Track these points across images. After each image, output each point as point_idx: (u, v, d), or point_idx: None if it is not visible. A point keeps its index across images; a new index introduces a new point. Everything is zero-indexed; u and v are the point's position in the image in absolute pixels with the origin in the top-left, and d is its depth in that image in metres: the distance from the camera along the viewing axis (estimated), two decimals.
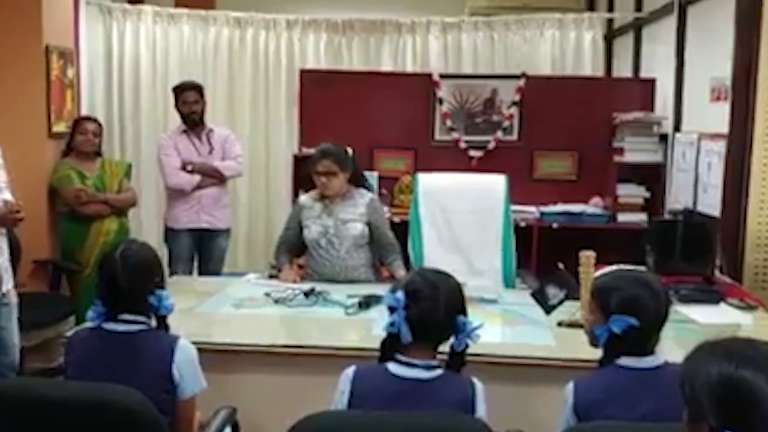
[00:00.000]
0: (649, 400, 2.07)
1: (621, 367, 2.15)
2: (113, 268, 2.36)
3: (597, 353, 2.27)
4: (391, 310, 2.17)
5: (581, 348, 2.41)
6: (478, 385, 2.17)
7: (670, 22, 5.42)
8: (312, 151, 4.02)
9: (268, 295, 3.51)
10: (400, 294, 2.16)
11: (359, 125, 5.61)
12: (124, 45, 6.34)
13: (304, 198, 3.98)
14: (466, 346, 2.22)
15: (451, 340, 2.22)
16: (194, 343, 2.46)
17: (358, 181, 3.95)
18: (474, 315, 2.27)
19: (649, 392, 2.09)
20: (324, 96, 5.74)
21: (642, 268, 2.78)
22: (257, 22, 6.56)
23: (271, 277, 4.18)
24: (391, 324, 2.15)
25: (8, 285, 3.59)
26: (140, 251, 2.43)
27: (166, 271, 4.34)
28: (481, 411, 2.14)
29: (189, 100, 5.03)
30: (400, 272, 3.76)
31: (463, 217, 4.01)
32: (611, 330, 2.14)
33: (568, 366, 2.66)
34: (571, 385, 2.18)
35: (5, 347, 3.59)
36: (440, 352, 2.23)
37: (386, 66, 6.51)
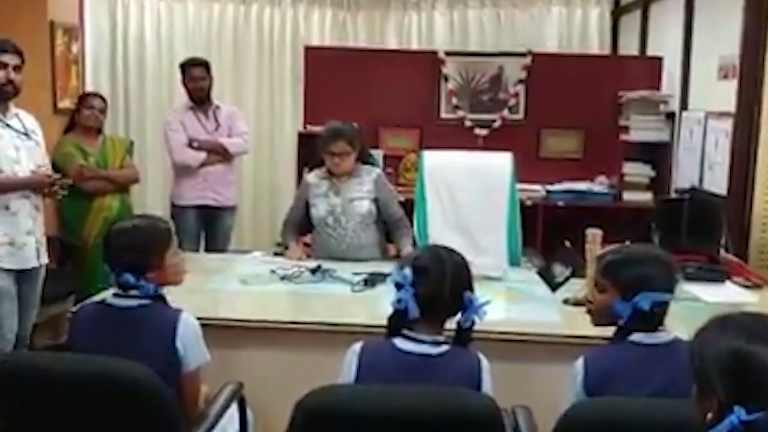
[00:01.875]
0: (661, 375, 2.07)
1: (633, 342, 2.15)
2: (106, 244, 2.41)
3: (602, 330, 2.27)
4: (399, 286, 2.17)
5: (587, 325, 2.41)
6: (484, 361, 2.18)
7: (678, 0, 5.38)
8: (316, 128, 4.01)
9: (274, 272, 3.52)
10: (407, 270, 2.16)
11: (364, 102, 5.59)
12: (128, 21, 6.33)
13: (310, 176, 3.98)
14: (473, 322, 2.23)
15: (458, 316, 2.23)
16: (201, 319, 2.47)
17: (364, 157, 3.94)
18: (479, 293, 2.27)
19: (661, 368, 2.08)
20: (329, 73, 5.71)
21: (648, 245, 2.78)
22: None
23: (277, 254, 4.19)
24: (398, 300, 2.16)
25: (43, 259, 3.69)
26: (128, 230, 2.42)
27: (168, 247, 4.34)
28: (487, 386, 2.15)
29: (196, 77, 5.02)
30: (407, 249, 3.77)
31: (468, 196, 4.00)
32: (638, 306, 2.12)
33: (573, 343, 2.66)
34: (580, 361, 2.17)
35: (23, 318, 3.65)
36: (447, 329, 2.23)
37: (391, 43, 6.49)
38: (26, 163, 3.59)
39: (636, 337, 2.15)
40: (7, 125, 3.57)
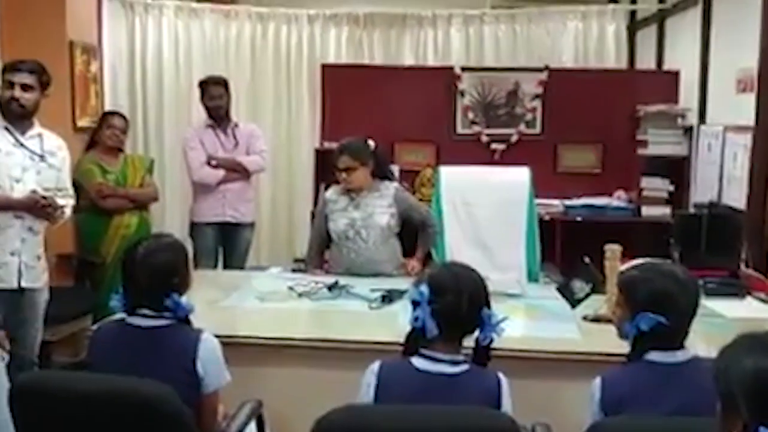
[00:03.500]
0: (678, 395, 2.04)
1: (649, 362, 2.12)
2: (132, 266, 2.38)
3: (623, 347, 2.25)
4: (415, 304, 2.16)
5: (607, 342, 2.40)
6: (504, 380, 2.16)
7: (695, 13, 5.37)
8: (333, 145, 4.03)
9: (291, 288, 3.51)
10: (424, 288, 2.15)
11: (380, 119, 5.60)
12: (146, 40, 6.37)
13: (329, 193, 4.00)
14: (491, 340, 2.21)
15: (476, 333, 2.21)
16: (219, 336, 2.47)
17: (382, 173, 3.96)
18: (498, 309, 2.25)
19: (678, 387, 2.06)
20: (345, 90, 5.75)
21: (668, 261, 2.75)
22: (279, 17, 6.57)
23: (294, 271, 4.20)
24: (416, 318, 2.14)
25: (32, 283, 3.60)
26: (163, 251, 2.41)
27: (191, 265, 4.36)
28: (507, 406, 2.13)
29: (215, 95, 5.05)
30: (419, 253, 3.81)
31: (486, 211, 4.00)
32: (639, 327, 2.10)
33: (593, 360, 2.64)
34: (598, 380, 2.16)
35: (23, 341, 3.59)
36: (465, 347, 2.21)
37: (407, 59, 6.50)
38: (30, 185, 3.54)
39: (653, 356, 2.12)
40: (22, 144, 3.55)
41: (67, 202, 3.70)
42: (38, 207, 3.51)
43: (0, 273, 3.49)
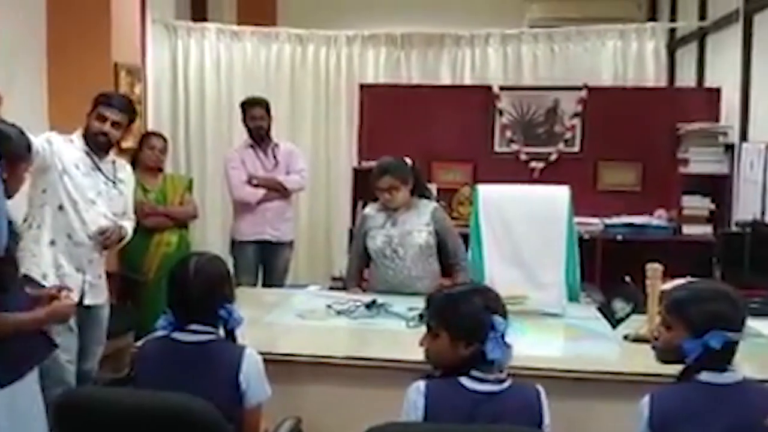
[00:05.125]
0: (728, 416, 2.02)
1: (701, 382, 2.10)
2: (185, 280, 2.41)
3: (665, 368, 2.23)
4: (494, 335, 2.14)
5: (648, 362, 2.37)
6: (542, 391, 2.19)
7: (736, 31, 5.32)
8: (371, 163, 4.05)
9: (330, 306, 3.53)
10: (501, 320, 2.14)
11: (418, 138, 5.63)
12: (189, 61, 6.49)
13: (367, 209, 4.03)
14: None
15: None
16: (260, 353, 2.49)
17: (420, 191, 3.97)
18: (537, 329, 2.25)
19: (728, 409, 2.04)
20: (383, 109, 5.79)
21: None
22: (318, 39, 6.64)
23: (333, 289, 4.22)
24: (493, 349, 2.13)
25: (95, 299, 3.80)
26: (212, 264, 2.48)
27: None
28: (547, 416, 2.16)
29: (256, 116, 5.15)
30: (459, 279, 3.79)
31: (525, 230, 3.97)
32: (709, 345, 2.07)
33: (635, 381, 2.62)
34: (646, 399, 2.14)
35: (86, 354, 3.80)
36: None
37: (445, 79, 6.52)
38: (102, 209, 3.75)
39: (705, 376, 2.10)
40: (99, 168, 3.76)
41: (129, 224, 3.93)
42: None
43: (64, 281, 3.59)
